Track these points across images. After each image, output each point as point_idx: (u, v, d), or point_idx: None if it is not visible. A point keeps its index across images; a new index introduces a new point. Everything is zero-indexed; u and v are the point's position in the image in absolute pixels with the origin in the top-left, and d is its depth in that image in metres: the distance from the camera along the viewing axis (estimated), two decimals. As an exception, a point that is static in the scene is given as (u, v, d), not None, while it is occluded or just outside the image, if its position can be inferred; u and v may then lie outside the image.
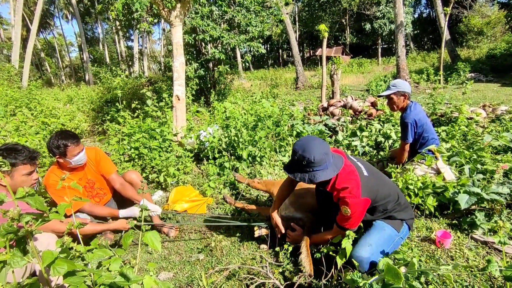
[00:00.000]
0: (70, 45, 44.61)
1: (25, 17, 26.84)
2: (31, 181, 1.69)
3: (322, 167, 1.62)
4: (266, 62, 40.07)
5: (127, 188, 2.43)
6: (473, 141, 3.43)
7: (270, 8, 8.31)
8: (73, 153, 2.12)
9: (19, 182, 1.63)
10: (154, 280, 1.10)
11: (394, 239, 1.84)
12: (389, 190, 1.84)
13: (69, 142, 2.08)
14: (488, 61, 13.83)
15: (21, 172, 1.64)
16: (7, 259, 0.79)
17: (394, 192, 1.88)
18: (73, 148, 2.10)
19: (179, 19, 3.90)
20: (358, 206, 1.66)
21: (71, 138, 2.11)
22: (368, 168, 1.82)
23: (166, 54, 16.65)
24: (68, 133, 2.13)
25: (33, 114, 5.26)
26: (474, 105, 6.01)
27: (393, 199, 1.86)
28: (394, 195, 1.87)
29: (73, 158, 2.13)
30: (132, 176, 2.58)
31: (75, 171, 2.28)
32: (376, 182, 1.77)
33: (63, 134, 2.10)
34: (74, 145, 2.11)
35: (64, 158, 2.11)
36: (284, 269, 1.96)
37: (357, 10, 26.11)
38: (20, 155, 1.64)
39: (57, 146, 2.06)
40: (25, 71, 14.27)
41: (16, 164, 1.62)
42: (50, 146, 2.06)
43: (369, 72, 19.97)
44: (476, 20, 20.65)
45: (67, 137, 2.09)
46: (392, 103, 2.87)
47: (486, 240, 2.11)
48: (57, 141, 2.06)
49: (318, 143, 1.64)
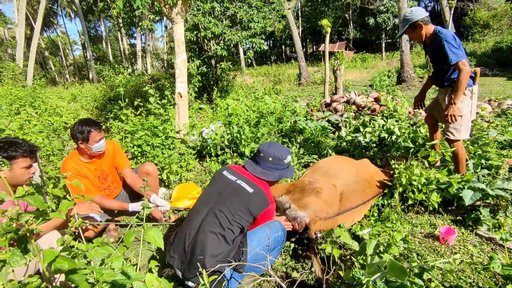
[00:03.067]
0: (73, 44, 44.77)
1: (29, 16, 26.95)
2: (28, 174, 1.71)
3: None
4: (269, 58, 39.90)
5: (139, 183, 2.51)
6: (478, 136, 3.39)
7: (272, 3, 8.24)
8: (95, 139, 2.22)
9: (17, 175, 1.65)
10: (156, 278, 1.10)
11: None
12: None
13: (93, 128, 2.19)
14: (494, 54, 13.62)
15: (20, 165, 1.66)
16: (6, 258, 0.80)
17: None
18: (95, 134, 2.20)
19: (180, 16, 3.88)
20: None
21: (94, 124, 2.22)
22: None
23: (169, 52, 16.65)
24: (91, 120, 2.26)
25: (37, 113, 5.30)
26: (480, 99, 5.94)
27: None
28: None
29: (94, 145, 2.23)
30: (147, 168, 2.67)
31: (93, 159, 2.37)
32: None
33: (87, 121, 2.23)
34: (97, 131, 2.21)
35: (86, 143, 2.21)
36: (286, 266, 1.96)
37: (360, 4, 25.85)
38: (20, 148, 1.66)
39: (81, 131, 2.16)
40: (29, 70, 14.37)
41: (16, 157, 1.64)
42: (74, 131, 2.18)
43: (372, 67, 19.78)
44: (482, 13, 20.33)
45: (91, 124, 2.21)
46: (417, 35, 2.54)
47: (491, 237, 2.09)
48: (81, 126, 2.17)
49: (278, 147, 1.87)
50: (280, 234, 1.78)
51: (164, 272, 2.03)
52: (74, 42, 45.53)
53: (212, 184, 1.85)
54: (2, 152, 1.59)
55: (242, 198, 1.68)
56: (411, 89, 10.14)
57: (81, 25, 24.02)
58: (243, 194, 1.69)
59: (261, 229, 1.75)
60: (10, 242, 0.84)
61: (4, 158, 1.58)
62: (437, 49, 2.46)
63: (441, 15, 15.77)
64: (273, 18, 8.15)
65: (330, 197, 2.27)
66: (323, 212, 2.19)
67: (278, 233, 1.76)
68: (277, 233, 1.75)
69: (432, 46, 2.53)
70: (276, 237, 1.74)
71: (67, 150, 3.46)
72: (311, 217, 2.12)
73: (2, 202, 0.85)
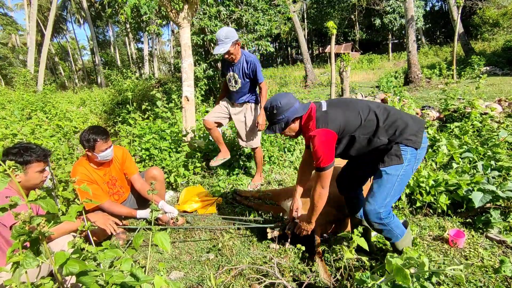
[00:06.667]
0: (82, 49, 45.57)
1: (39, 23, 27.56)
2: (42, 177, 1.78)
3: (291, 109, 1.73)
4: (275, 61, 39.94)
5: (147, 189, 2.51)
6: (488, 136, 3.34)
7: (278, 6, 8.27)
8: (101, 148, 2.23)
9: (32, 179, 1.72)
10: (164, 280, 1.12)
11: (398, 174, 1.68)
12: (356, 114, 1.68)
13: (99, 137, 2.20)
14: (505, 53, 13.38)
15: (35, 169, 1.72)
16: (20, 260, 0.82)
17: (372, 114, 1.69)
18: (101, 143, 2.22)
19: (187, 20, 3.93)
20: (319, 138, 1.63)
21: (101, 134, 2.23)
22: (331, 103, 1.77)
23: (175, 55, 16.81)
24: (99, 129, 2.27)
25: (48, 117, 5.41)
26: (490, 99, 5.84)
27: (372, 122, 1.68)
28: (371, 117, 1.69)
29: (100, 154, 2.25)
30: (154, 173, 2.70)
31: (102, 166, 2.40)
32: (338, 113, 1.68)
33: (95, 129, 2.24)
34: (103, 141, 2.22)
35: (92, 152, 2.24)
36: (293, 269, 1.96)
37: (366, 5, 25.72)
38: (35, 153, 1.72)
39: (87, 140, 2.18)
40: (40, 76, 14.67)
41: (31, 162, 1.70)
42: (82, 138, 2.20)
43: (379, 68, 19.64)
44: (492, 12, 19.98)
45: (98, 133, 2.22)
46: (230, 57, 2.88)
47: (502, 239, 2.05)
48: (88, 135, 2.19)
49: (283, 94, 1.79)
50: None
51: (172, 274, 2.05)
52: (83, 47, 46.34)
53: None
54: (18, 157, 1.65)
55: None
56: (419, 89, 10.03)
57: (90, 30, 24.49)
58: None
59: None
60: (23, 245, 0.87)
61: (20, 162, 1.64)
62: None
63: (448, 15, 15.59)
64: (278, 21, 8.17)
65: (337, 199, 2.26)
66: (330, 215, 2.19)
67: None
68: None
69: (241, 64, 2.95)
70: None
71: (77, 154, 3.52)
72: (319, 221, 2.12)
73: (16, 206, 0.88)
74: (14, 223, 1.50)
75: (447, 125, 4.05)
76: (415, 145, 1.65)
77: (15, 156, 1.64)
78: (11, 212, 0.85)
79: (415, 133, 1.65)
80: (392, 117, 1.69)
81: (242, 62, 2.92)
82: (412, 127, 1.66)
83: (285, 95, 1.77)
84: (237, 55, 2.89)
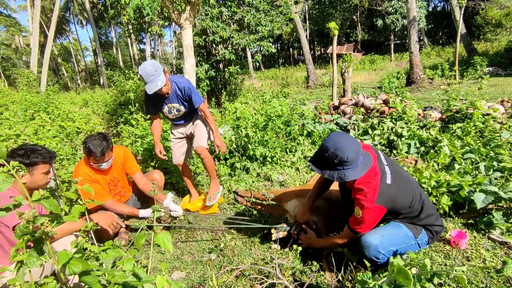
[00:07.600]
0: (85, 50, 45.82)
1: (43, 24, 27.72)
2: (47, 179, 1.79)
3: (353, 166, 1.57)
4: (277, 61, 39.96)
5: (150, 188, 2.52)
6: (490, 137, 3.32)
7: (280, 7, 8.28)
8: (97, 161, 2.25)
9: (38, 180, 1.73)
10: (166, 280, 1.12)
11: (410, 241, 1.78)
12: (410, 200, 1.72)
13: (94, 154, 2.18)
14: (508, 54, 13.33)
15: (41, 171, 1.74)
16: (23, 259, 0.83)
17: (418, 203, 1.76)
18: (95, 159, 2.22)
19: (189, 22, 3.94)
20: (371, 212, 1.62)
21: (99, 148, 2.18)
22: (395, 175, 1.71)
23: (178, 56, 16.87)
24: (99, 141, 2.20)
25: (51, 118, 5.43)
26: (492, 100, 5.82)
27: (415, 210, 1.76)
28: (416, 206, 1.75)
29: (96, 164, 2.28)
30: (155, 176, 2.73)
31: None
32: (397, 192, 1.67)
33: (95, 141, 2.19)
34: (99, 156, 2.20)
35: (88, 158, 2.26)
36: (295, 269, 1.96)
37: (368, 6, 25.68)
38: (41, 154, 1.73)
39: (85, 148, 2.19)
40: (43, 76, 14.76)
41: (38, 163, 1.71)
42: (83, 145, 2.21)
43: (381, 69, 19.60)
44: (494, 12, 19.90)
45: (96, 146, 2.17)
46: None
47: (504, 241, 2.04)
48: (86, 144, 2.18)
49: (350, 140, 1.59)
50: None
51: (174, 274, 2.06)
52: (85, 48, 46.60)
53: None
54: (24, 158, 1.66)
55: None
56: (421, 90, 10.01)
57: (92, 31, 24.60)
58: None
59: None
60: (27, 244, 0.88)
61: (26, 164, 1.66)
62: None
63: (451, 15, 15.53)
64: (280, 22, 8.18)
65: (339, 200, 2.26)
66: (333, 215, 2.19)
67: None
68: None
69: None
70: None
71: (80, 155, 3.54)
72: (322, 222, 2.12)
73: (19, 206, 0.89)
74: (17, 224, 1.52)
75: (449, 126, 4.04)
76: (432, 235, 1.84)
77: (21, 157, 1.66)
78: (15, 211, 0.86)
79: (440, 231, 1.86)
80: (428, 210, 1.81)
81: (176, 90, 2.55)
82: (439, 222, 1.85)
83: (352, 144, 1.57)
84: (169, 85, 2.50)
